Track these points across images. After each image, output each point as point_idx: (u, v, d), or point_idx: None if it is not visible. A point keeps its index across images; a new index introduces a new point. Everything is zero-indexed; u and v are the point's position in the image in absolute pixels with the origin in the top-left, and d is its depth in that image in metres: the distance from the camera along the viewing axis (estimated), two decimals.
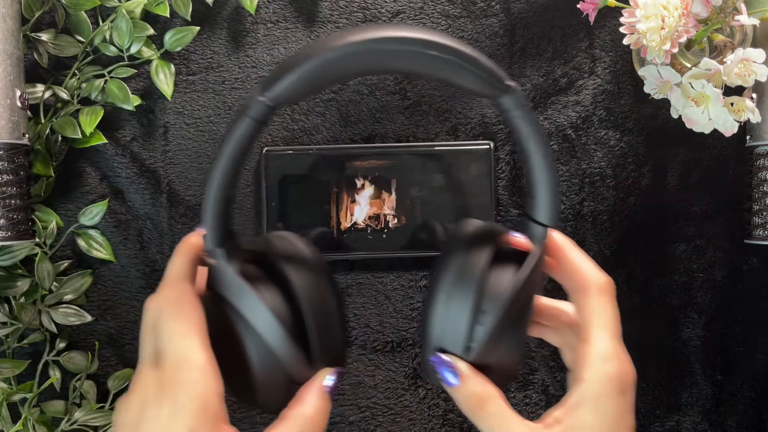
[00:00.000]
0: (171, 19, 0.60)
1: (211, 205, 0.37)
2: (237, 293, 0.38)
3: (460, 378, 0.38)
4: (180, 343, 0.37)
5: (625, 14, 0.51)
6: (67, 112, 0.58)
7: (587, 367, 0.38)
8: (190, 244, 0.41)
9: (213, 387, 0.36)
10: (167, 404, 0.35)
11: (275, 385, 0.38)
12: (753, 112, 0.51)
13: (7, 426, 0.56)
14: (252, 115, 0.35)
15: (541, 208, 0.40)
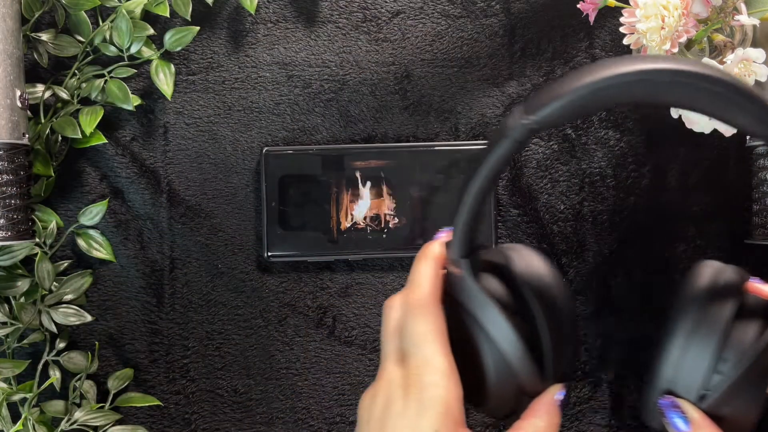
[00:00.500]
0: (171, 19, 0.60)
1: (464, 218, 0.39)
2: (478, 304, 0.39)
3: (691, 425, 0.38)
4: (425, 347, 0.39)
5: (625, 14, 0.51)
6: (67, 112, 0.58)
7: None
8: (434, 252, 0.43)
9: (454, 391, 0.38)
10: (414, 403, 0.38)
11: (506, 394, 0.40)
12: None
13: (7, 426, 0.56)
14: (516, 137, 0.36)
15: None
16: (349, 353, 0.61)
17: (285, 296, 0.61)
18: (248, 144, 0.61)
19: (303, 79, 0.61)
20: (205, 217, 0.61)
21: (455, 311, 0.40)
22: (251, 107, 0.61)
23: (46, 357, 0.59)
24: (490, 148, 0.37)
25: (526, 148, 0.61)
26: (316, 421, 0.61)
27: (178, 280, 0.61)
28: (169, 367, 0.61)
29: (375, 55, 0.61)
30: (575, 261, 0.61)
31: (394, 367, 0.40)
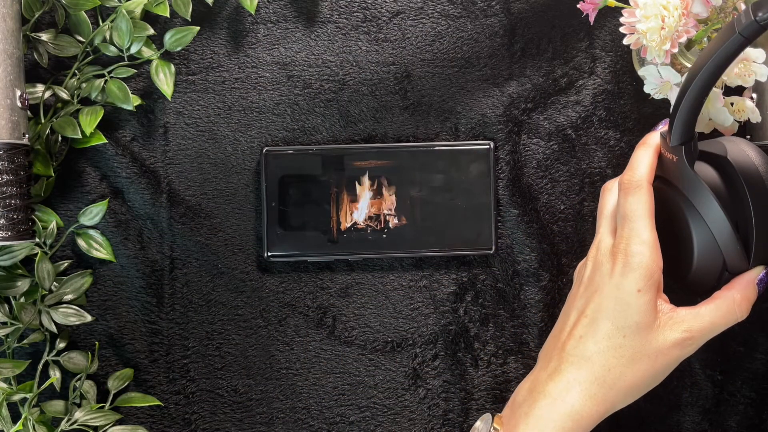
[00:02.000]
0: (171, 19, 0.60)
1: (686, 107, 0.43)
2: (692, 188, 0.45)
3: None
4: (635, 220, 0.46)
5: (625, 14, 0.51)
6: (67, 112, 0.58)
7: None
8: (653, 140, 0.49)
9: (656, 261, 0.46)
10: (620, 266, 0.46)
11: (712, 271, 0.47)
12: (753, 112, 0.51)
13: (7, 426, 0.56)
14: (744, 34, 0.39)
15: None
16: (349, 353, 0.62)
17: (285, 296, 0.61)
18: (248, 144, 0.61)
19: (303, 79, 0.61)
20: (205, 217, 0.61)
21: (669, 193, 0.47)
22: (251, 107, 0.61)
23: (46, 357, 0.59)
24: (720, 42, 0.40)
25: (526, 148, 0.61)
26: (316, 421, 0.61)
27: (178, 280, 0.61)
28: (169, 367, 0.61)
29: (375, 55, 0.61)
30: (575, 261, 0.61)
31: (606, 238, 0.48)
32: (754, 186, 0.45)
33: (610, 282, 0.46)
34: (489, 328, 0.61)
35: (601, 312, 0.47)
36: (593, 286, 0.48)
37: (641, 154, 0.49)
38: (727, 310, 0.47)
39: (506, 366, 0.62)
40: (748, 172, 0.46)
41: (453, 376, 0.61)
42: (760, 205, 0.45)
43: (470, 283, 0.61)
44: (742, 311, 0.47)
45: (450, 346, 0.61)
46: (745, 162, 0.46)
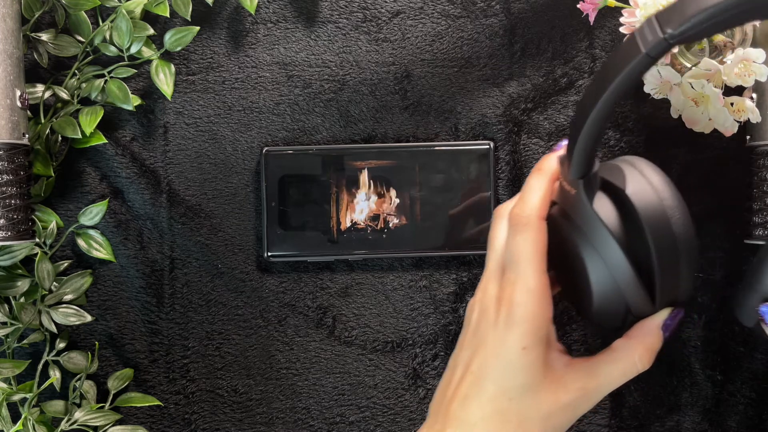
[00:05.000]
0: (171, 19, 0.60)
1: (585, 136, 0.38)
2: (591, 226, 0.40)
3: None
4: (522, 264, 0.41)
5: (625, 14, 0.51)
6: (67, 112, 0.58)
7: None
8: (549, 166, 0.44)
9: (543, 313, 0.40)
10: (503, 318, 0.40)
11: (615, 314, 0.41)
12: (753, 112, 0.51)
13: (7, 426, 0.56)
14: (652, 54, 0.33)
15: None
16: (349, 353, 0.62)
17: (285, 296, 0.61)
18: (248, 144, 0.61)
19: (303, 79, 0.61)
20: (205, 217, 0.61)
21: (566, 226, 0.41)
22: (251, 107, 0.61)
23: (46, 357, 0.59)
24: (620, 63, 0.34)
25: (526, 148, 0.61)
26: (316, 421, 0.61)
27: (178, 280, 0.61)
28: (169, 367, 0.61)
29: (375, 55, 0.61)
30: None
31: (493, 279, 0.43)
32: (655, 223, 0.40)
33: (495, 335, 0.41)
34: None
35: (486, 370, 0.41)
36: (479, 337, 0.42)
37: (533, 184, 0.43)
38: (626, 365, 0.41)
39: None
40: (647, 209, 0.40)
41: None
42: (663, 245, 0.39)
43: (470, 283, 0.61)
44: (644, 363, 0.42)
45: (450, 346, 0.61)
46: (645, 196, 0.40)
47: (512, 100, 0.61)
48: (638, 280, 0.39)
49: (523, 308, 0.40)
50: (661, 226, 0.40)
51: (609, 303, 0.41)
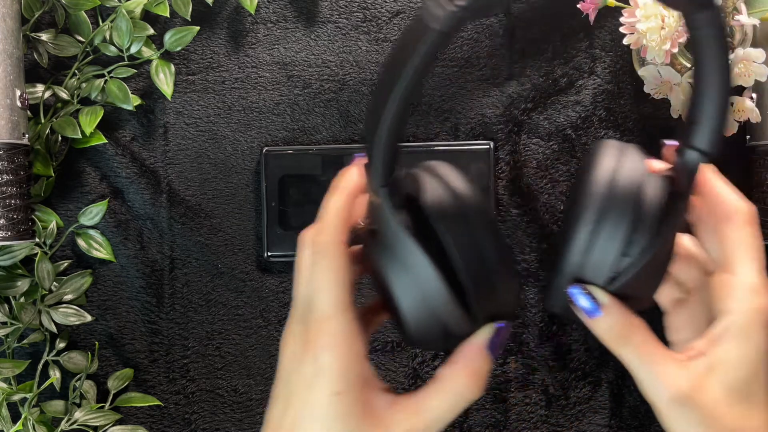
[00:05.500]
0: (171, 19, 0.60)
1: (382, 137, 0.33)
2: (397, 239, 0.35)
3: (602, 309, 0.37)
4: (324, 299, 0.36)
5: (625, 14, 0.51)
6: (67, 112, 0.58)
7: (733, 298, 0.36)
8: (347, 180, 0.39)
9: (356, 349, 0.36)
10: (310, 364, 0.36)
11: (435, 337, 0.36)
12: (753, 112, 0.51)
13: (7, 426, 0.56)
14: (442, 29, 0.29)
15: (706, 135, 0.37)
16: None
17: (285, 296, 0.61)
18: (248, 144, 0.61)
19: (303, 79, 0.61)
20: (205, 217, 0.61)
21: (375, 244, 0.36)
22: (251, 107, 0.61)
23: (46, 357, 0.59)
24: (412, 46, 0.30)
25: (526, 148, 0.61)
26: None
27: (178, 280, 0.61)
28: (169, 367, 0.61)
29: (375, 55, 0.61)
30: None
31: (298, 317, 0.37)
32: (458, 233, 0.35)
33: (304, 383, 0.36)
34: None
35: (300, 425, 0.36)
36: (289, 388, 0.37)
37: (328, 205, 0.38)
38: (452, 396, 0.36)
39: (506, 366, 0.62)
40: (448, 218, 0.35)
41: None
42: (469, 255, 0.35)
43: None
44: (473, 390, 0.36)
45: None
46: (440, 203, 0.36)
47: (512, 100, 0.61)
48: (450, 295, 0.34)
49: (329, 350, 0.35)
50: (465, 235, 0.35)
51: (425, 324, 0.36)
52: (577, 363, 0.62)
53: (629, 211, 0.35)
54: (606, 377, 0.62)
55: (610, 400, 0.62)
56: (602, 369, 0.62)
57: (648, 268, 0.36)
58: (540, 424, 0.62)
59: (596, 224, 0.36)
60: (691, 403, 0.35)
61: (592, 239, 0.36)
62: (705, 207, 0.39)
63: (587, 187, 0.36)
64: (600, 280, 0.36)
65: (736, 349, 0.35)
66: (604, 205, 0.36)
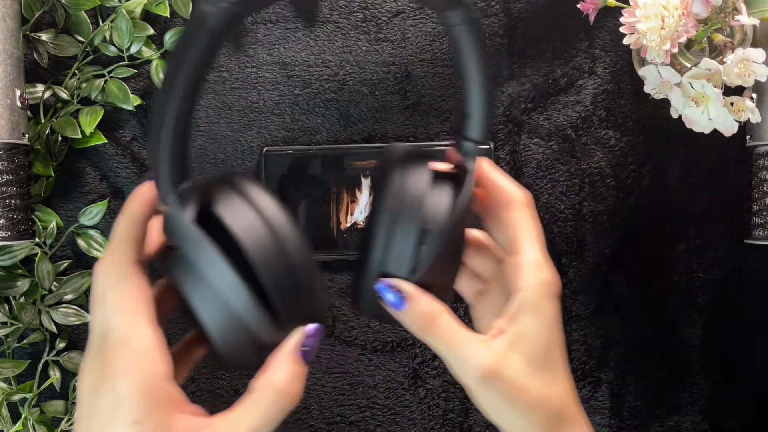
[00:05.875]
0: (171, 19, 0.60)
1: (165, 141, 0.31)
2: (192, 245, 0.33)
3: (408, 300, 0.38)
4: (122, 321, 0.34)
5: (625, 14, 0.51)
6: (67, 112, 0.58)
7: (522, 276, 0.39)
8: (140, 195, 0.37)
9: (157, 370, 0.33)
10: (108, 395, 0.33)
11: (246, 351, 0.35)
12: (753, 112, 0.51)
13: (7, 426, 0.56)
14: (213, 25, 0.30)
15: (477, 127, 0.40)
16: (349, 353, 0.61)
17: None
18: (248, 144, 0.61)
19: (303, 79, 0.61)
20: None
21: (173, 259, 0.35)
22: (251, 107, 0.61)
23: (46, 357, 0.59)
24: (186, 45, 0.30)
25: (526, 148, 0.61)
26: (316, 421, 0.61)
27: None
28: None
29: (375, 55, 0.61)
30: (575, 261, 0.61)
31: (94, 350, 0.34)
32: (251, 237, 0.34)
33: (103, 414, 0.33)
34: None
35: None
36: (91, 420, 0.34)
37: (118, 226, 0.36)
38: (269, 405, 0.35)
39: None
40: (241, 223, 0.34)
41: (453, 376, 0.61)
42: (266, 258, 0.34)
43: None
44: (290, 397, 0.35)
45: None
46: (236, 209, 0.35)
47: (512, 100, 0.61)
48: (254, 301, 0.33)
49: (126, 377, 0.33)
50: (259, 238, 0.34)
51: (232, 336, 0.34)
52: (577, 363, 0.62)
53: (418, 209, 0.38)
54: (606, 377, 0.62)
55: (610, 400, 0.62)
56: (602, 369, 0.62)
57: (442, 257, 0.38)
58: None
59: (391, 224, 0.38)
60: (497, 377, 0.37)
61: (388, 239, 0.38)
62: (488, 197, 0.42)
63: (378, 194, 0.38)
64: (403, 272, 0.38)
65: (531, 322, 0.38)
66: (395, 207, 0.38)
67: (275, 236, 0.34)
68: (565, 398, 0.39)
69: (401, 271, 0.38)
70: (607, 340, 0.62)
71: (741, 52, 0.49)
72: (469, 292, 0.44)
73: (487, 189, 0.42)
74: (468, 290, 0.44)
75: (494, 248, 0.43)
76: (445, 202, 0.38)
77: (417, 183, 0.38)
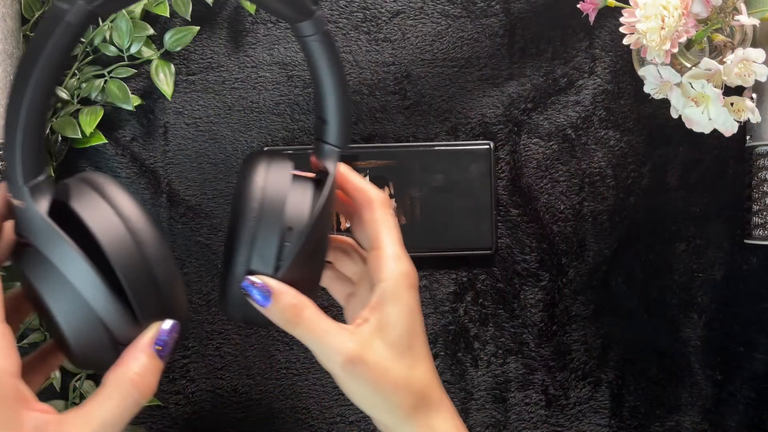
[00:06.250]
0: (171, 19, 0.60)
1: (19, 134, 0.32)
2: (45, 238, 0.33)
3: (273, 295, 0.39)
4: None
5: (625, 14, 0.51)
6: (67, 112, 0.58)
7: (383, 268, 0.42)
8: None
9: (3, 365, 0.33)
10: None
11: (101, 348, 0.34)
12: (753, 112, 0.51)
13: None
14: (71, 21, 0.31)
15: (334, 132, 0.42)
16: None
17: None
18: (248, 144, 0.61)
19: (303, 79, 0.61)
20: (205, 217, 0.61)
21: (27, 254, 0.34)
22: (251, 107, 0.61)
23: None
24: (43, 39, 0.31)
25: (526, 148, 0.61)
26: (316, 421, 0.61)
27: None
28: (169, 367, 0.61)
29: (375, 55, 0.61)
30: (575, 261, 0.61)
31: None
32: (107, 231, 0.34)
33: None
34: (489, 328, 0.61)
35: None
36: None
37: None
38: (120, 399, 0.34)
39: (506, 366, 0.62)
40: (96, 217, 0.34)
41: (453, 376, 0.61)
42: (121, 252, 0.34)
43: (470, 283, 0.61)
44: (142, 390, 0.34)
45: (450, 346, 0.61)
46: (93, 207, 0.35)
47: (512, 100, 0.61)
48: (109, 294, 0.33)
49: None
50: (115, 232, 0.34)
51: (87, 332, 0.34)
52: (577, 363, 0.62)
53: (280, 209, 0.39)
54: (606, 377, 0.62)
55: (610, 400, 0.62)
56: (602, 369, 0.62)
57: (305, 254, 0.40)
58: (540, 424, 0.62)
59: (254, 225, 0.39)
60: (361, 362, 0.39)
61: (252, 240, 0.39)
62: (349, 200, 0.45)
63: (239, 197, 0.40)
64: (267, 272, 0.39)
65: (392, 310, 0.41)
66: (258, 207, 0.39)
67: (132, 231, 0.34)
68: (427, 381, 0.42)
69: (266, 270, 0.39)
70: (607, 340, 0.62)
71: (741, 52, 0.49)
72: (340, 294, 0.47)
73: (348, 192, 0.45)
74: (339, 293, 0.47)
75: (360, 251, 0.46)
76: (306, 202, 0.41)
77: (279, 185, 0.40)
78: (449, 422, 0.42)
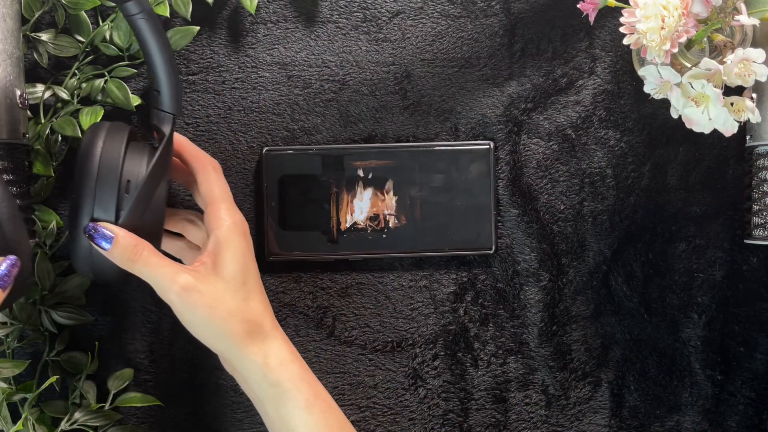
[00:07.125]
0: (171, 19, 0.60)
1: None
2: None
3: (114, 239, 0.46)
4: None
5: (625, 14, 0.51)
6: (67, 112, 0.58)
7: (217, 219, 0.49)
8: None
9: None
10: None
11: None
12: (753, 112, 0.51)
13: (7, 426, 0.56)
14: None
15: (166, 99, 0.49)
16: (349, 353, 0.62)
17: (285, 296, 0.61)
18: (248, 144, 0.61)
19: (303, 79, 0.61)
20: None
21: None
22: (251, 107, 0.61)
23: (46, 357, 0.59)
24: None
25: (526, 148, 0.61)
26: None
27: None
28: (169, 367, 0.61)
29: (375, 55, 0.61)
30: (575, 261, 0.61)
31: None
32: None
33: None
34: (489, 328, 0.61)
35: None
36: None
37: None
38: None
39: (506, 366, 0.62)
40: None
41: (453, 376, 0.61)
42: None
43: (470, 283, 0.61)
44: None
45: (450, 346, 0.61)
46: None
47: (512, 100, 0.61)
48: None
49: None
50: None
51: None
52: (577, 363, 0.62)
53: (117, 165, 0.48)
54: (606, 377, 0.62)
55: (610, 400, 0.62)
56: (602, 369, 0.62)
57: (144, 204, 0.48)
58: (540, 424, 0.62)
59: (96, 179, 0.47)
60: (196, 290, 0.46)
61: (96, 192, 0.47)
62: (186, 167, 0.52)
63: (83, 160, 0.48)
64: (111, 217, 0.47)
65: (226, 253, 0.49)
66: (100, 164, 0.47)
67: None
68: (260, 312, 0.49)
69: (108, 218, 0.47)
70: (607, 340, 0.62)
71: (741, 52, 0.49)
72: (190, 261, 0.53)
73: (185, 160, 0.52)
74: (189, 260, 0.54)
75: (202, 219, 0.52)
76: (144, 159, 0.49)
77: (116, 144, 0.48)
78: (283, 347, 0.49)
